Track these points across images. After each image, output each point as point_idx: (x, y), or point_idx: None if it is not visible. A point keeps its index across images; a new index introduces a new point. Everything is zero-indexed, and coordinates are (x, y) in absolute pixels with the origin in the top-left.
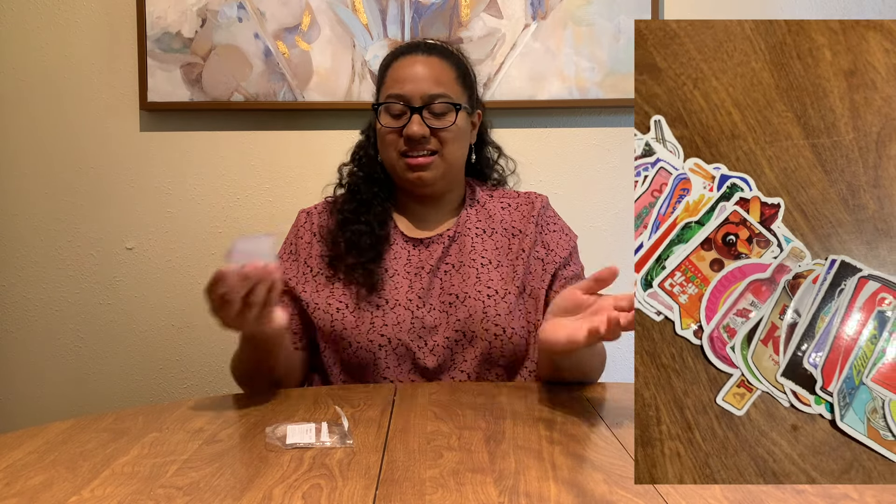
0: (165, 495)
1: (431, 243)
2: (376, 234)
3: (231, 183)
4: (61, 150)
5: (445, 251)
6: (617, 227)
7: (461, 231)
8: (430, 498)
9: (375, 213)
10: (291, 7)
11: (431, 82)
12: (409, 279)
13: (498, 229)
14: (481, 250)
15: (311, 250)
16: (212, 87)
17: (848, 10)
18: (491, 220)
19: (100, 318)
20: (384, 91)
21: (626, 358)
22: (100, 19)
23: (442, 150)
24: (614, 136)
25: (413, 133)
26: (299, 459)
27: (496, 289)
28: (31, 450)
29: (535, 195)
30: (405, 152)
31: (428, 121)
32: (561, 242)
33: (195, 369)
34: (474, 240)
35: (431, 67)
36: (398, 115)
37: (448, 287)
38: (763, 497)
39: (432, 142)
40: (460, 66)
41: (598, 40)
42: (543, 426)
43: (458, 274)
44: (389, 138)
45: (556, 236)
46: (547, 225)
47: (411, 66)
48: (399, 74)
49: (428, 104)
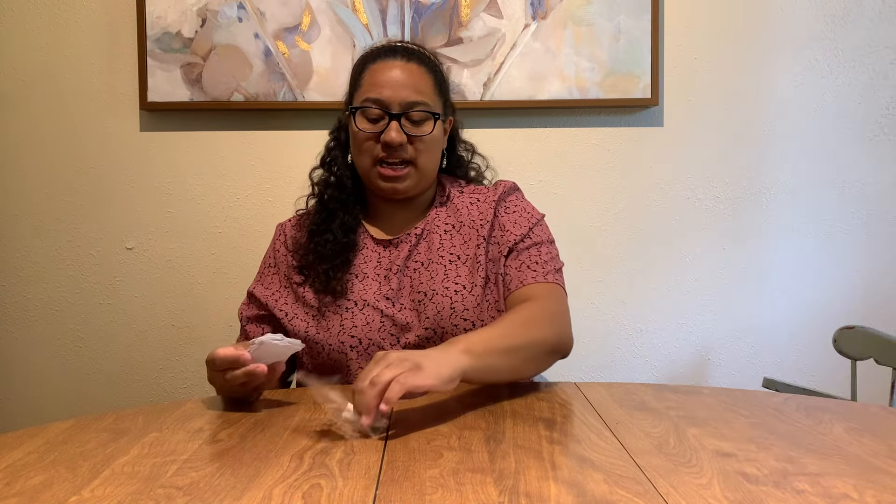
0: (165, 495)
1: (400, 243)
2: (340, 241)
3: (231, 183)
4: (61, 150)
5: (413, 249)
6: (617, 227)
7: (429, 229)
8: (430, 498)
9: (343, 222)
10: (291, 7)
11: (411, 90)
12: (379, 280)
13: (465, 223)
14: (449, 246)
15: (287, 261)
16: (212, 87)
17: (848, 10)
18: (458, 216)
19: (100, 318)
20: (361, 94)
21: (626, 358)
22: (100, 19)
23: (416, 159)
24: (614, 136)
25: (391, 140)
26: (299, 459)
27: (463, 283)
28: (31, 450)
29: (501, 182)
30: (381, 159)
31: (405, 128)
32: (519, 221)
33: (195, 369)
34: (442, 237)
35: (411, 74)
36: (375, 119)
37: (417, 285)
38: (763, 497)
39: (408, 149)
40: (438, 74)
41: (598, 40)
42: (543, 426)
43: (427, 272)
44: (366, 144)
45: (513, 217)
46: (507, 208)
47: (390, 70)
48: (378, 78)
49: (406, 111)
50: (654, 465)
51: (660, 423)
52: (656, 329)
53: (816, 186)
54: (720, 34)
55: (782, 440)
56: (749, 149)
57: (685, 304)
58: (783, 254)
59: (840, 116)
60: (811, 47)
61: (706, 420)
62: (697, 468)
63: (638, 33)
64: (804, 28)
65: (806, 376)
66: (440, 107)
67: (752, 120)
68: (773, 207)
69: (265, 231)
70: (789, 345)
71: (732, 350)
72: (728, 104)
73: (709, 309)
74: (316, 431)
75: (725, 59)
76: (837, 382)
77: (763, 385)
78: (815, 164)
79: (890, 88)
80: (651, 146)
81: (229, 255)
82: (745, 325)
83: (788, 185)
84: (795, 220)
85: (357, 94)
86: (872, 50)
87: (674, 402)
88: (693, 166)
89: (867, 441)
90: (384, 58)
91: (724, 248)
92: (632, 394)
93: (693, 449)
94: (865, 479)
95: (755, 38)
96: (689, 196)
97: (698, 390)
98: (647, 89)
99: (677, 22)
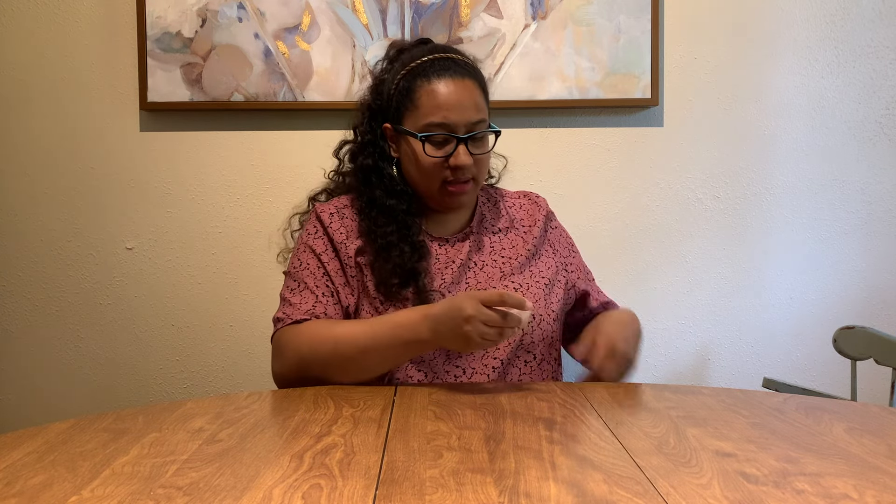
0: (165, 495)
1: (456, 241)
2: (420, 252)
3: (231, 183)
4: (61, 150)
5: (471, 247)
6: (617, 227)
7: (477, 230)
8: (430, 498)
9: (413, 232)
10: (291, 7)
11: (473, 110)
12: (441, 274)
13: (511, 226)
14: (499, 249)
15: (346, 250)
16: (212, 87)
17: (848, 11)
18: (503, 219)
19: (100, 318)
20: (421, 115)
21: None
22: (100, 19)
23: (478, 175)
24: (614, 136)
25: (463, 164)
26: (299, 459)
27: (519, 283)
28: (31, 450)
29: (535, 195)
30: (449, 181)
31: (470, 147)
32: (570, 248)
33: (195, 369)
34: (492, 238)
35: (470, 93)
36: (441, 143)
37: (474, 284)
38: (763, 497)
39: (472, 168)
40: (485, 86)
41: (598, 40)
42: (543, 426)
43: (482, 272)
44: (433, 168)
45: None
46: (557, 229)
47: (450, 91)
48: (439, 101)
49: (472, 132)
50: (654, 465)
51: (660, 423)
52: (656, 329)
53: (816, 186)
54: (720, 34)
55: (782, 440)
56: (749, 149)
57: (685, 303)
58: (783, 254)
59: (840, 116)
60: (811, 47)
61: (706, 420)
62: (697, 468)
63: (638, 33)
64: (804, 28)
65: (806, 376)
66: (488, 117)
67: (752, 120)
68: (773, 207)
69: (265, 231)
70: (789, 345)
71: (732, 350)
72: (728, 104)
73: (709, 309)
74: (316, 431)
75: (725, 60)
76: (837, 382)
77: (763, 385)
78: (815, 164)
79: (890, 88)
80: (651, 146)
81: (229, 255)
82: (746, 325)
83: (788, 185)
84: (795, 220)
85: (414, 114)
86: (872, 50)
87: (674, 402)
88: (693, 166)
89: (867, 441)
90: (440, 75)
91: (724, 248)
92: (632, 394)
93: (693, 449)
94: (865, 479)
95: (755, 39)
96: (689, 196)
97: (698, 390)
98: (647, 89)
99: (677, 22)
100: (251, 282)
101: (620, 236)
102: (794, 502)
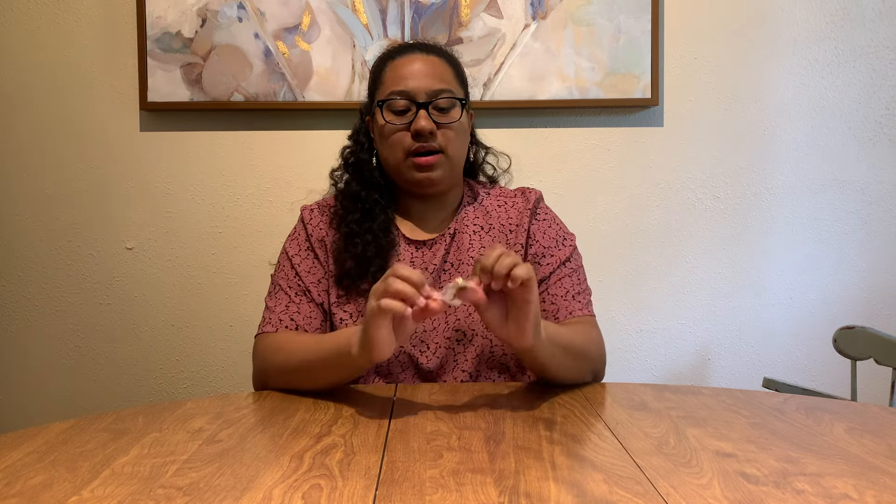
0: (165, 495)
1: (434, 244)
2: (381, 243)
3: (231, 183)
4: (61, 150)
5: (447, 250)
6: (617, 227)
7: (460, 228)
8: (430, 498)
9: (379, 222)
10: (291, 7)
11: (435, 78)
12: None
13: (495, 225)
14: (479, 247)
15: (324, 250)
16: (212, 87)
17: (848, 11)
18: (488, 217)
19: (100, 318)
20: (384, 89)
21: (626, 358)
22: (100, 19)
23: (447, 148)
24: (614, 136)
25: (422, 127)
26: (299, 459)
27: None
28: (31, 450)
29: (528, 190)
30: (413, 150)
31: (434, 116)
32: (558, 240)
33: (195, 369)
34: (472, 237)
35: (433, 65)
36: (402, 111)
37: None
38: (763, 497)
39: (438, 138)
40: (457, 67)
41: (598, 40)
42: (543, 426)
43: (457, 272)
44: (395, 137)
45: (551, 233)
46: (543, 220)
47: (412, 63)
48: (401, 72)
49: (432, 99)
50: (654, 465)
51: (660, 424)
52: (656, 329)
53: (816, 186)
54: (720, 34)
55: (782, 440)
56: (749, 149)
57: (685, 303)
58: (783, 253)
59: (840, 116)
60: (811, 47)
61: (706, 420)
62: (697, 468)
63: (638, 33)
64: (804, 28)
65: (806, 376)
66: (463, 94)
67: (752, 120)
68: (773, 207)
69: (265, 231)
70: (789, 345)
71: (732, 350)
72: (728, 104)
73: (709, 309)
74: (316, 431)
75: (725, 60)
76: (837, 382)
77: (763, 385)
78: (815, 164)
79: (890, 88)
80: (651, 146)
81: (229, 255)
82: (746, 325)
83: (788, 185)
84: (795, 220)
85: (380, 90)
86: (872, 50)
87: (674, 403)
88: (693, 166)
89: (867, 441)
90: (404, 53)
91: (724, 248)
92: (632, 394)
93: (693, 449)
94: (865, 479)
95: (755, 39)
96: (689, 196)
97: (698, 390)
98: (647, 89)
99: (677, 22)
100: (251, 282)
101: (620, 236)
102: (795, 502)
